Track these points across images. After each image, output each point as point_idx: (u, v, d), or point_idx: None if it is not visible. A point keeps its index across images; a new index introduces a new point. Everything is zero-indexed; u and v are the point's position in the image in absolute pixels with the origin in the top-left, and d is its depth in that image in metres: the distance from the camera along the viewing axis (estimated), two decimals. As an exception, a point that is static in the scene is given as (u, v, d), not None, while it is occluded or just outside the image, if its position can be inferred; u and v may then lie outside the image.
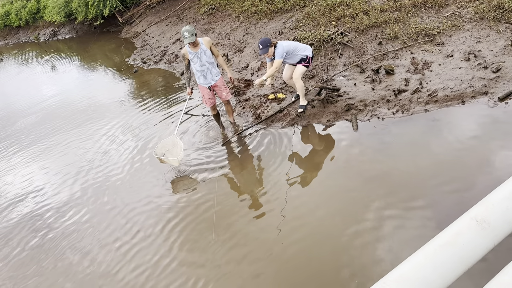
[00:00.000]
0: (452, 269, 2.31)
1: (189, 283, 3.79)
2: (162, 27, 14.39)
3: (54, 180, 6.37)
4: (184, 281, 3.83)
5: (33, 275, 4.53)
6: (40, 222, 5.42)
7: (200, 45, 5.43)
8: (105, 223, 5.01)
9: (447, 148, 4.49)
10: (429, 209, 3.79)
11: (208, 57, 5.52)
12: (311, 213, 4.19)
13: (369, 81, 6.18)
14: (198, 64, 5.52)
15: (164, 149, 5.68)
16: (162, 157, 5.58)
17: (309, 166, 5.03)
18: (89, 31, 19.43)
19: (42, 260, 4.71)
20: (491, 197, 2.62)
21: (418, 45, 6.56)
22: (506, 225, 2.47)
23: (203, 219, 4.57)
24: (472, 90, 5.24)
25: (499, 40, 5.89)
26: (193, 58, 5.47)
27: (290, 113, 6.13)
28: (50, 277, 4.43)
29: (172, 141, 5.74)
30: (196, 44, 5.38)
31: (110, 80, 11.26)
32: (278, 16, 10.00)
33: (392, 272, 2.35)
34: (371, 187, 4.28)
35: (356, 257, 3.55)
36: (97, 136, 7.49)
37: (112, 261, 4.35)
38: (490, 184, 3.75)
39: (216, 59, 5.73)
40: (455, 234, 2.42)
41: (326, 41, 7.42)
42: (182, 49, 5.55)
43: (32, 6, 21.98)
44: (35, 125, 9.21)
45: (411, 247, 3.22)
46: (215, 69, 5.71)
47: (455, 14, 6.91)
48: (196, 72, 5.64)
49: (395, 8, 7.78)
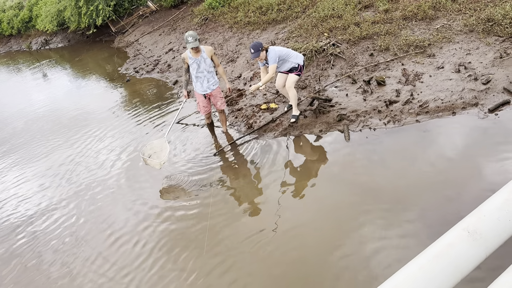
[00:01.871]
0: (445, 281, 2.30)
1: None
2: (155, 37, 14.41)
3: (32, 190, 6.31)
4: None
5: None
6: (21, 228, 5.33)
7: (202, 53, 5.50)
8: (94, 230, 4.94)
9: (438, 159, 4.51)
10: (420, 220, 3.79)
11: (208, 65, 5.58)
12: (301, 225, 4.16)
13: (360, 92, 6.22)
14: (195, 71, 5.59)
15: (151, 150, 5.70)
16: (149, 157, 5.60)
17: (301, 177, 5.01)
18: (81, 40, 19.40)
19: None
20: (483, 208, 2.62)
21: (409, 56, 6.63)
22: (497, 236, 2.47)
23: (195, 231, 4.52)
24: (462, 102, 5.29)
25: (488, 52, 5.98)
26: (192, 63, 5.55)
27: (282, 123, 6.14)
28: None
29: (160, 144, 5.76)
30: (198, 50, 5.46)
31: (102, 89, 11.19)
32: (271, 27, 10.07)
33: (385, 283, 2.33)
34: (363, 198, 4.27)
35: (348, 268, 3.53)
36: (84, 144, 7.42)
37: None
38: (481, 194, 3.76)
39: (217, 68, 5.78)
40: (447, 245, 2.42)
41: (318, 52, 7.48)
42: (183, 53, 5.61)
43: (24, 15, 21.92)
44: (23, 131, 9.12)
45: (402, 259, 3.22)
46: (213, 79, 5.74)
47: (445, 27, 7.01)
48: (194, 77, 5.70)
49: (386, 20, 7.87)
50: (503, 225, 2.49)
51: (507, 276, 2.34)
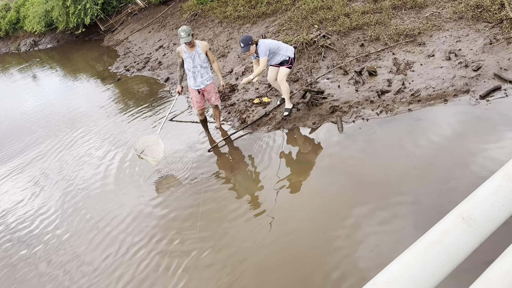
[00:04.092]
0: (441, 268, 2.32)
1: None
2: (144, 34, 14.31)
3: (26, 191, 6.26)
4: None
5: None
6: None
7: (196, 48, 5.51)
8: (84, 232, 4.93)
9: (431, 147, 4.54)
10: (414, 208, 3.81)
11: (202, 60, 5.58)
12: (296, 217, 4.17)
13: (352, 83, 6.22)
14: (190, 65, 5.60)
15: (144, 145, 5.67)
16: (141, 153, 5.56)
17: (295, 169, 5.02)
18: (70, 40, 19.22)
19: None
20: (476, 194, 2.64)
21: (400, 46, 6.63)
22: (491, 222, 2.49)
23: (187, 226, 4.52)
24: (454, 89, 5.31)
25: (478, 39, 6.00)
26: (186, 58, 5.56)
27: (275, 116, 6.13)
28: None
29: (153, 140, 5.73)
30: (192, 45, 5.47)
31: (92, 89, 11.10)
32: (261, 20, 10.03)
33: (382, 272, 2.35)
34: (357, 189, 4.28)
35: (344, 259, 3.54)
36: (76, 144, 7.37)
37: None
38: (474, 181, 3.79)
39: (212, 64, 5.78)
40: (442, 232, 2.43)
41: (309, 44, 7.46)
42: (178, 47, 5.62)
43: (12, 16, 21.67)
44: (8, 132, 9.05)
45: (397, 248, 3.24)
46: (207, 74, 5.73)
47: (435, 15, 7.02)
48: (188, 71, 5.70)
49: (376, 10, 7.87)
50: (496, 211, 2.51)
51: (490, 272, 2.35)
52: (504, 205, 2.52)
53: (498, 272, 2.27)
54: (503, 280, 2.20)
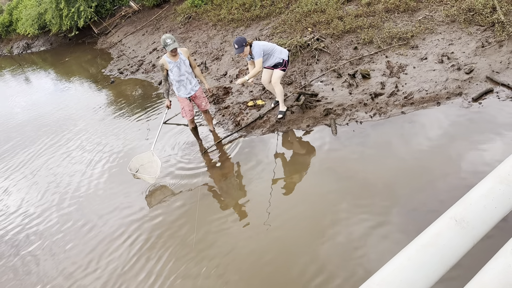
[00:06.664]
0: (434, 270, 2.32)
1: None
2: (138, 37, 14.28)
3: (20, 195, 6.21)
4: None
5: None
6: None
7: (179, 55, 5.36)
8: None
9: (424, 149, 4.55)
10: (405, 210, 3.82)
11: (187, 67, 5.46)
12: (288, 219, 4.17)
13: (346, 86, 6.24)
14: (177, 74, 5.42)
15: (138, 164, 5.49)
16: (136, 172, 5.41)
17: (289, 172, 5.01)
18: (64, 42, 19.14)
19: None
20: (469, 196, 2.65)
21: (393, 49, 6.66)
22: (484, 224, 2.49)
23: (182, 233, 4.50)
24: (446, 92, 5.34)
25: (470, 42, 6.04)
26: (172, 68, 5.35)
27: (270, 119, 6.13)
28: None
29: (147, 157, 5.55)
30: (175, 53, 5.28)
31: (86, 92, 11.05)
32: (255, 23, 10.04)
33: (375, 275, 2.34)
34: (351, 191, 4.29)
35: (333, 262, 3.54)
36: (70, 148, 7.33)
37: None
38: (467, 183, 3.81)
39: (193, 70, 5.65)
40: (435, 235, 2.44)
41: (303, 47, 7.47)
42: (160, 60, 5.40)
43: (4, 19, 21.56)
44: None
45: (388, 250, 3.24)
46: (194, 79, 5.66)
47: (428, 18, 7.06)
48: (175, 83, 5.52)
49: (369, 13, 7.91)
50: (489, 213, 2.52)
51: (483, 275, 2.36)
52: (497, 207, 2.53)
53: (491, 274, 2.27)
54: (496, 282, 2.20)
